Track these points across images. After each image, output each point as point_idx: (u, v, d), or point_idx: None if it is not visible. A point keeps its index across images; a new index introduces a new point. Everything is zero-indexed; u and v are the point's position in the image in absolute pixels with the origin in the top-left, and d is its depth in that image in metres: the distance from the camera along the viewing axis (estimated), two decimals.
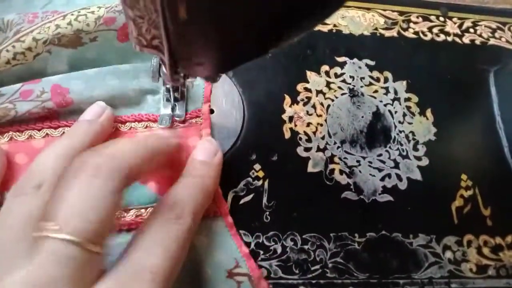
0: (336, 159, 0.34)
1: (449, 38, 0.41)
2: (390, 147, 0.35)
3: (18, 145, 0.29)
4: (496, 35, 0.42)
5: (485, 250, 0.34)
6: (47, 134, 0.30)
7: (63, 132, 0.30)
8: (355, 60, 0.38)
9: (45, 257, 0.20)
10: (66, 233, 0.20)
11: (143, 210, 0.29)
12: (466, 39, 0.41)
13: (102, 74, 0.31)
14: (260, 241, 0.31)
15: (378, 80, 0.38)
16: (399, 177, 0.35)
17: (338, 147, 0.35)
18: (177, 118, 0.31)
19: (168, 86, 0.30)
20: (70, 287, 0.20)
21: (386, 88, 0.38)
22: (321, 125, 0.35)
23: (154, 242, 0.23)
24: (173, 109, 0.31)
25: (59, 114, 0.31)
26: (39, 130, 0.30)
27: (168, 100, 0.31)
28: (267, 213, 0.32)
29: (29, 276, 0.20)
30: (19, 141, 0.29)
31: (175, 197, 0.26)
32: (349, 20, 0.40)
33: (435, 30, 0.41)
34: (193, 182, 0.27)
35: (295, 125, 0.35)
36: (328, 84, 0.37)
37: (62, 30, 0.30)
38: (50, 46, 0.30)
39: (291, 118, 0.35)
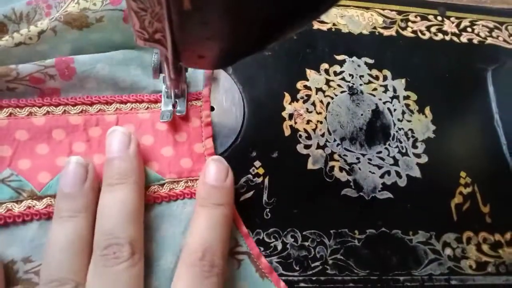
0: (336, 156, 0.34)
1: (447, 37, 0.41)
2: (389, 145, 0.36)
3: (18, 121, 0.29)
4: (494, 34, 0.42)
5: (485, 247, 0.34)
6: (48, 112, 0.29)
7: (64, 111, 0.30)
8: (354, 58, 0.38)
9: None
10: None
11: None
12: (463, 38, 0.42)
13: (108, 54, 0.32)
14: (261, 237, 0.31)
15: (377, 78, 0.38)
16: (398, 174, 0.35)
17: (338, 145, 0.35)
18: (178, 114, 0.31)
19: (168, 82, 0.30)
20: None
21: (385, 86, 0.38)
22: (321, 122, 0.35)
23: None
24: (174, 105, 0.31)
25: (61, 90, 0.30)
26: (39, 107, 0.29)
27: (168, 96, 0.31)
28: (268, 210, 0.32)
29: None
30: (19, 117, 0.29)
31: (202, 244, 0.25)
32: (348, 19, 0.40)
33: (433, 29, 0.41)
34: (215, 217, 0.27)
35: (295, 123, 0.35)
36: (327, 82, 0.37)
37: (69, 8, 0.30)
38: (55, 22, 0.30)
39: (291, 116, 0.35)
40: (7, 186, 0.27)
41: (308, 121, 0.35)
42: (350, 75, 0.37)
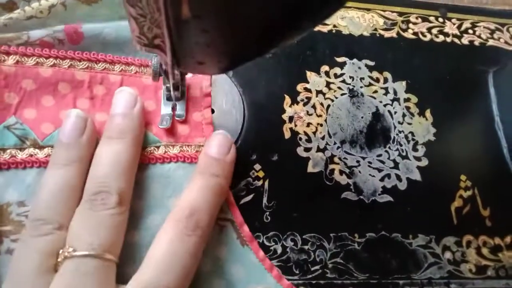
0: (336, 159, 0.34)
1: (448, 39, 0.41)
2: (389, 148, 0.35)
3: (25, 70, 0.29)
4: (495, 36, 0.42)
5: (484, 251, 0.34)
6: (54, 64, 0.30)
7: (71, 65, 0.30)
8: (355, 60, 0.38)
9: (71, 275, 0.23)
10: (83, 250, 0.23)
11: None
12: (465, 40, 0.41)
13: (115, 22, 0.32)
14: (260, 241, 0.31)
15: (377, 80, 0.38)
16: (398, 178, 0.35)
17: (338, 147, 0.35)
18: (177, 118, 0.31)
19: (168, 85, 0.30)
20: None
21: (386, 89, 0.38)
22: (321, 125, 0.35)
23: (173, 259, 0.24)
24: (173, 108, 0.31)
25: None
26: (46, 58, 0.30)
27: (168, 99, 0.31)
28: (267, 213, 0.31)
29: None
30: (26, 66, 0.29)
31: (192, 204, 0.26)
32: (348, 21, 0.40)
33: (434, 31, 0.41)
34: (210, 185, 0.28)
35: (295, 125, 0.34)
36: (328, 85, 0.37)
37: None
38: None
39: (291, 118, 0.35)
40: (12, 133, 0.28)
41: (308, 124, 0.35)
42: (350, 77, 0.37)
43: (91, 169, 0.27)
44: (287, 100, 0.35)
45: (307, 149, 0.34)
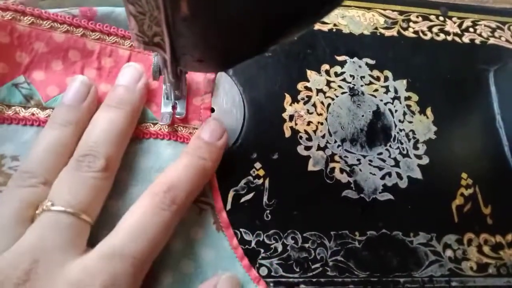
0: (336, 158, 0.34)
1: (449, 38, 0.41)
2: (390, 146, 0.35)
3: (39, 32, 0.30)
4: (496, 34, 0.42)
5: (486, 249, 0.34)
6: (67, 30, 0.31)
7: (83, 34, 0.31)
8: (355, 59, 0.38)
9: (44, 226, 0.24)
10: (61, 206, 0.24)
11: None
12: (465, 39, 0.41)
13: None
14: (261, 239, 0.31)
15: (378, 79, 0.38)
16: (399, 176, 0.35)
17: (338, 146, 0.35)
18: (178, 116, 0.31)
19: (168, 84, 0.30)
20: (65, 250, 0.23)
21: (386, 87, 0.38)
22: (322, 123, 0.35)
23: (143, 229, 0.25)
24: (173, 107, 0.31)
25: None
26: (60, 24, 0.31)
27: (168, 98, 0.31)
28: (268, 211, 0.32)
29: (29, 242, 0.23)
30: (40, 28, 0.30)
31: (172, 180, 0.27)
32: (349, 20, 0.40)
33: (435, 29, 0.41)
34: (195, 165, 0.28)
35: (296, 124, 0.35)
36: (328, 83, 0.37)
37: None
38: None
39: (291, 117, 0.35)
40: (19, 91, 0.29)
41: (309, 123, 0.35)
42: (351, 76, 0.37)
43: (85, 133, 0.27)
44: (288, 98, 0.35)
45: (307, 148, 0.34)
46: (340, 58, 0.38)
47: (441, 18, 0.42)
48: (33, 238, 0.23)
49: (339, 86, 0.37)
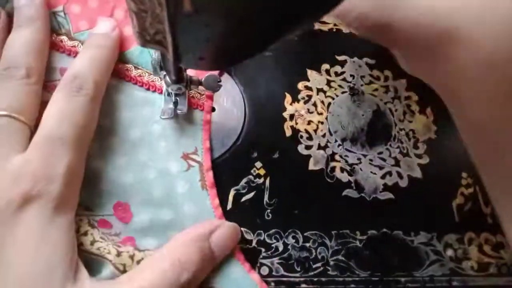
0: (337, 157, 0.34)
1: None
2: (390, 145, 0.35)
3: None
4: None
5: (486, 248, 0.34)
6: None
7: None
8: (356, 58, 0.38)
9: None
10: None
11: None
12: None
13: None
14: (262, 238, 0.31)
15: (378, 78, 0.38)
16: (400, 175, 0.35)
17: (339, 145, 0.35)
18: (179, 111, 0.31)
19: (169, 81, 0.30)
20: (4, 148, 0.25)
21: (386, 87, 0.38)
22: (322, 123, 0.35)
23: (61, 113, 0.27)
24: (174, 103, 0.31)
25: None
26: None
27: (169, 94, 0.31)
28: (269, 210, 0.32)
29: None
30: None
31: (76, 69, 0.29)
32: None
33: None
34: (92, 54, 0.30)
35: (296, 123, 0.35)
36: (328, 83, 0.37)
37: None
38: None
39: (292, 116, 0.35)
40: (55, 18, 0.32)
41: (309, 122, 0.35)
42: (351, 75, 0.37)
43: (2, 53, 0.29)
44: (288, 98, 0.35)
45: (308, 147, 0.34)
46: (340, 58, 0.38)
47: None
48: None
49: (340, 86, 0.37)
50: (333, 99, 0.36)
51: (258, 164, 0.33)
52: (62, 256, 0.24)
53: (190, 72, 0.31)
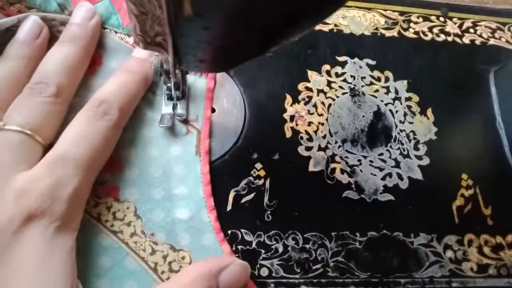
0: (337, 158, 0.34)
1: (449, 38, 0.41)
2: (391, 147, 0.35)
3: None
4: (496, 35, 0.42)
5: (486, 249, 0.34)
6: None
7: None
8: (356, 59, 0.38)
9: None
10: (12, 125, 0.26)
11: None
12: (466, 39, 0.41)
13: None
14: (262, 240, 0.31)
15: (379, 79, 0.38)
16: (400, 176, 0.35)
17: (339, 146, 0.35)
18: (178, 118, 0.31)
19: (169, 84, 0.30)
20: (16, 165, 0.25)
21: (387, 88, 0.38)
22: (322, 124, 0.35)
23: (81, 134, 0.27)
24: (174, 107, 0.31)
25: None
26: None
27: (169, 98, 0.31)
28: (269, 212, 0.31)
29: None
30: None
31: (104, 95, 0.29)
32: (350, 20, 0.40)
33: (435, 30, 0.41)
34: (123, 80, 0.30)
35: (296, 124, 0.34)
36: (329, 84, 0.37)
37: None
38: None
39: (292, 117, 0.35)
40: (55, 1, 0.32)
41: (310, 123, 0.35)
42: (351, 76, 0.37)
43: (39, 66, 0.29)
44: (288, 99, 0.35)
45: (308, 148, 0.34)
46: (340, 59, 0.38)
47: (441, 18, 0.42)
48: None
49: (340, 87, 0.37)
50: (334, 100, 0.36)
51: (258, 165, 0.33)
52: (63, 281, 0.24)
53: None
